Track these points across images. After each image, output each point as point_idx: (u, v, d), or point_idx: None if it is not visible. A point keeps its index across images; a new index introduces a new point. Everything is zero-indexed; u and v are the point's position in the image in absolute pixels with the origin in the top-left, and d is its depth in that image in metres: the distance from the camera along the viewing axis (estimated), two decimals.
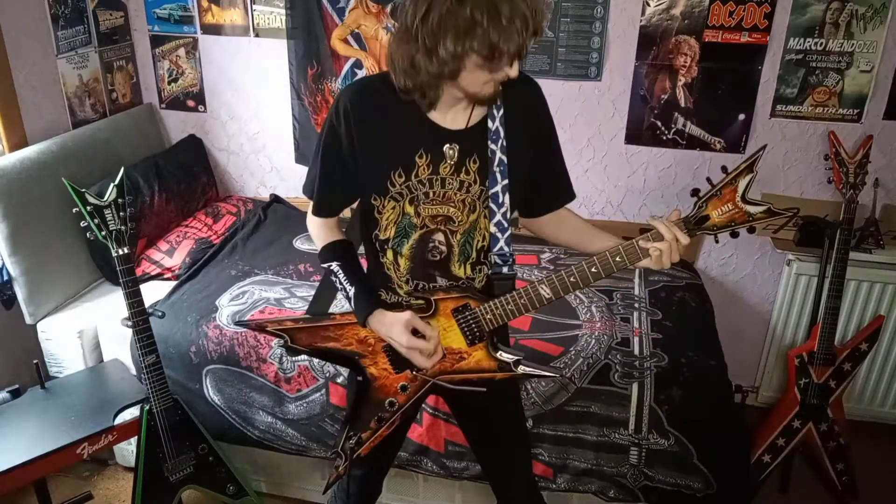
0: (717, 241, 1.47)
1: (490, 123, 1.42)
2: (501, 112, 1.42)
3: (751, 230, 1.37)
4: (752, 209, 1.34)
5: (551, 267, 2.70)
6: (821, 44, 2.56)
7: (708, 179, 1.38)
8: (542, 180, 1.54)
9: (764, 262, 2.89)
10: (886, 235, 2.69)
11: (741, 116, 2.69)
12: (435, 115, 1.41)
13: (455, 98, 1.38)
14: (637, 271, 2.68)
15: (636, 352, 2.21)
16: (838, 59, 2.56)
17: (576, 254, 2.81)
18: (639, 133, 2.81)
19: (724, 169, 1.37)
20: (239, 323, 1.98)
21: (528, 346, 2.20)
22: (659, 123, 2.77)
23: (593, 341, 2.23)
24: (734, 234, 1.39)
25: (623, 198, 2.93)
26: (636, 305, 2.47)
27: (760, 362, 2.94)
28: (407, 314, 1.45)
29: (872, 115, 2.61)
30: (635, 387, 2.07)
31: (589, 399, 2.06)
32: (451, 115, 1.41)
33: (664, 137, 2.79)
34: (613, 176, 2.90)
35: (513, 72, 1.30)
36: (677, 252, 1.38)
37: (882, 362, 2.77)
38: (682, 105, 2.73)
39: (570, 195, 1.60)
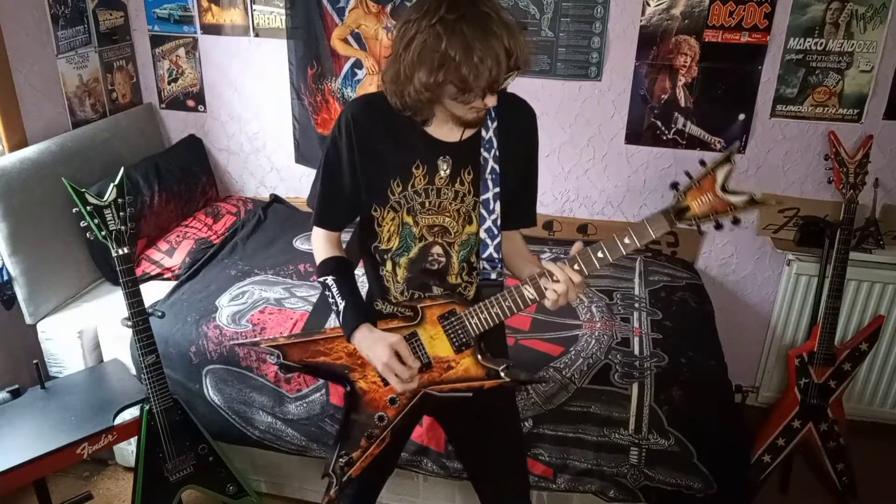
0: (700, 233, 1.47)
1: (484, 133, 1.47)
2: (496, 124, 1.47)
3: (735, 221, 1.35)
4: (733, 199, 1.33)
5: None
6: (821, 44, 2.56)
7: (686, 173, 1.39)
8: (512, 199, 1.55)
9: (764, 262, 2.89)
10: (886, 235, 2.69)
11: (741, 116, 2.69)
12: (431, 129, 1.46)
13: (448, 114, 1.42)
14: (637, 270, 2.68)
15: (636, 352, 2.21)
16: (838, 59, 2.56)
17: None
18: (639, 133, 2.81)
19: (701, 162, 1.37)
20: (235, 343, 1.99)
21: (529, 347, 2.20)
22: (659, 123, 2.77)
23: (593, 341, 2.23)
24: (718, 227, 1.36)
25: (623, 198, 2.93)
26: (636, 305, 2.47)
27: (760, 362, 2.94)
28: (397, 337, 1.47)
29: (872, 115, 2.61)
30: (635, 387, 2.07)
31: (589, 399, 2.06)
32: (446, 129, 1.46)
33: (664, 137, 2.79)
34: (613, 176, 2.90)
35: (490, 102, 1.34)
36: (574, 292, 1.39)
37: (882, 362, 2.77)
38: (682, 105, 2.73)
39: (532, 221, 1.64)
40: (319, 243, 1.60)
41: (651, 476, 2.05)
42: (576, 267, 1.39)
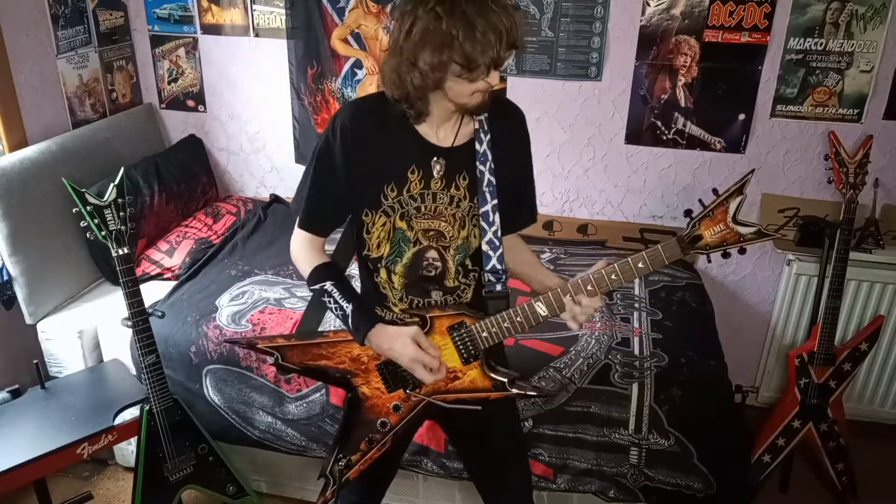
0: (709, 261, 1.50)
1: (478, 146, 1.48)
2: (489, 137, 1.48)
3: (741, 251, 1.40)
4: (742, 230, 1.37)
5: (551, 267, 2.69)
6: (821, 44, 2.56)
7: (700, 201, 1.42)
8: (512, 203, 1.55)
9: (764, 262, 2.89)
10: (886, 235, 2.69)
11: (741, 116, 2.69)
12: (426, 132, 1.46)
13: (446, 112, 1.43)
14: None
15: (636, 352, 2.21)
16: (838, 59, 2.56)
17: (577, 254, 2.81)
18: (639, 133, 2.81)
19: (714, 191, 1.40)
20: (229, 341, 1.98)
21: (529, 347, 2.20)
22: (659, 123, 2.77)
23: (593, 341, 2.24)
24: (725, 255, 1.41)
25: (623, 198, 2.93)
26: (636, 305, 2.47)
27: (760, 362, 2.94)
28: (413, 328, 1.47)
29: (872, 115, 2.61)
30: (635, 387, 2.07)
31: (589, 399, 2.06)
32: (441, 132, 1.47)
33: (664, 137, 2.79)
34: (613, 176, 2.90)
35: (493, 79, 1.36)
36: (588, 313, 1.46)
37: (882, 362, 2.77)
38: (682, 105, 2.73)
39: (532, 218, 1.65)
40: (304, 250, 1.55)
41: (651, 476, 2.05)
42: (588, 287, 1.43)
